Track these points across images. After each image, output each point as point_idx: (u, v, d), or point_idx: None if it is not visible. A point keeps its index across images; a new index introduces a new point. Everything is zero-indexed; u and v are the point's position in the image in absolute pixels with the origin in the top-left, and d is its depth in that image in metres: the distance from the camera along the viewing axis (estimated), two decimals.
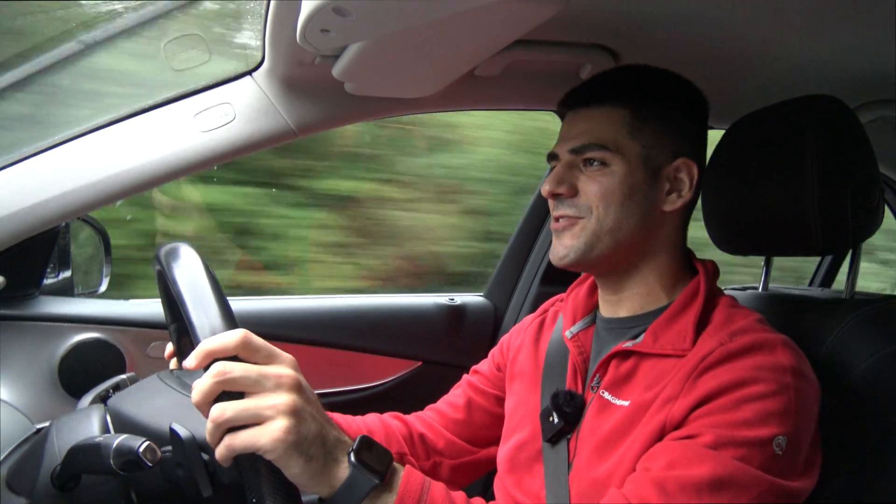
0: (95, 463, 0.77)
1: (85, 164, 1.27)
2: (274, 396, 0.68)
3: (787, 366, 0.84)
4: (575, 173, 1.00)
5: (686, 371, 0.87)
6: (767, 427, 0.80)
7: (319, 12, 0.77)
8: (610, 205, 0.97)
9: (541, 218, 1.95)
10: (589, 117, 1.01)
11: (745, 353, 0.85)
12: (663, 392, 0.88)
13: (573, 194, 1.00)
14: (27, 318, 1.43)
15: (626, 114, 0.99)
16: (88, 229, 1.63)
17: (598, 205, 0.98)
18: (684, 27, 1.14)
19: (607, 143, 0.98)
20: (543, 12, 0.92)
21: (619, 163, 0.97)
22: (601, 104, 1.00)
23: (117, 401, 0.92)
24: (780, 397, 0.82)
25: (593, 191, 0.98)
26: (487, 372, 1.24)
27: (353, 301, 1.88)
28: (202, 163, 1.33)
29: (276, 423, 0.67)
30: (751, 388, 0.82)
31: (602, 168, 0.98)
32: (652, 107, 1.00)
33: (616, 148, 0.97)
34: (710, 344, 0.88)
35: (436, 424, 1.21)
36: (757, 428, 0.80)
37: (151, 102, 1.33)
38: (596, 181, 0.98)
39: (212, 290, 0.79)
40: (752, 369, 0.83)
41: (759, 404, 0.81)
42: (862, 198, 1.03)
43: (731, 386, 0.83)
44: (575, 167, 1.01)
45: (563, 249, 1.01)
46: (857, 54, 1.21)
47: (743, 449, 0.79)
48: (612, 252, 0.99)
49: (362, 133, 2.88)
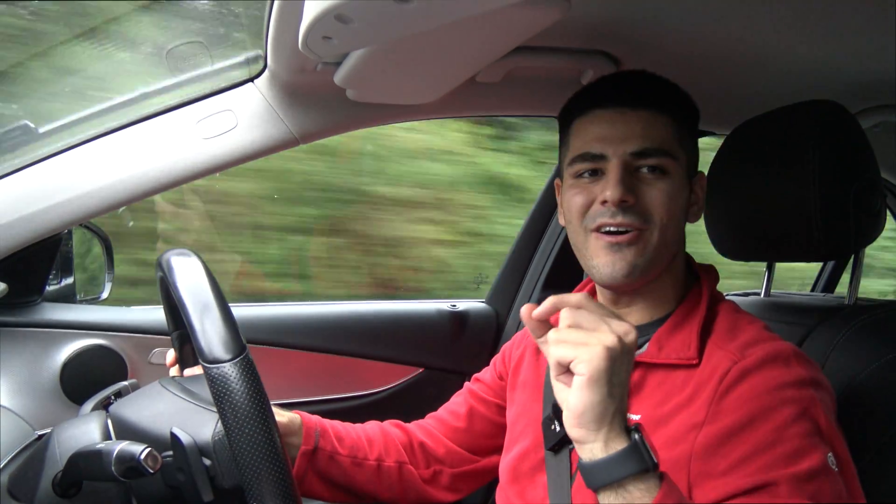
0: (97, 470, 0.77)
1: (87, 171, 1.27)
2: (604, 335, 0.72)
3: (807, 378, 0.83)
4: (632, 179, 0.93)
5: (707, 395, 0.85)
6: (816, 450, 0.78)
7: (321, 19, 0.77)
8: (672, 215, 0.94)
9: (543, 223, 1.95)
10: (642, 119, 0.94)
11: (762, 367, 0.84)
12: (683, 412, 0.86)
13: (634, 203, 0.93)
14: (29, 324, 1.43)
15: (669, 121, 0.95)
16: (91, 236, 1.63)
17: (662, 215, 0.92)
18: (685, 33, 1.14)
19: (669, 150, 0.94)
20: (545, 19, 0.92)
21: (676, 171, 0.94)
22: (645, 107, 0.94)
23: (119, 407, 0.92)
24: (808, 414, 0.80)
25: (657, 200, 0.92)
26: (489, 380, 1.24)
27: (355, 307, 1.87)
28: (204, 170, 1.33)
29: (597, 348, 0.71)
30: (780, 414, 0.80)
31: (662, 176, 0.93)
32: (686, 118, 0.99)
33: (674, 155, 0.94)
34: (723, 362, 0.87)
35: (436, 433, 1.21)
36: (811, 455, 0.78)
37: (154, 109, 1.33)
38: (658, 189, 0.93)
39: (214, 297, 0.80)
40: (774, 391, 0.82)
41: (796, 428, 0.79)
42: (864, 203, 1.03)
43: (758, 415, 0.81)
44: (632, 172, 0.94)
45: (626, 267, 0.92)
46: (858, 60, 1.21)
47: (812, 483, 0.77)
48: (665, 266, 0.96)
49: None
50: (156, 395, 0.92)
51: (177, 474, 0.80)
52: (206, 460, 0.79)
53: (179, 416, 0.85)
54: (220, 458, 0.80)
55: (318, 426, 1.11)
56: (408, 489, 1.17)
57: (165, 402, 0.90)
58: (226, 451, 0.79)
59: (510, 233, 2.23)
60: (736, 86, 1.37)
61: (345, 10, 0.75)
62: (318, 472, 1.09)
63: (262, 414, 0.74)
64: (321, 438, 1.09)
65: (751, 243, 1.15)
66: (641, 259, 0.93)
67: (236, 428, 0.73)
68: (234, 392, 0.74)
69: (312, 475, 1.09)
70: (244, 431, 0.73)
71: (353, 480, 1.12)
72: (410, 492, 1.17)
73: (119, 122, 1.32)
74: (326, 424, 1.13)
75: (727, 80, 1.34)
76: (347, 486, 1.12)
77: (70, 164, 1.28)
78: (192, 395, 0.90)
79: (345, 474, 1.11)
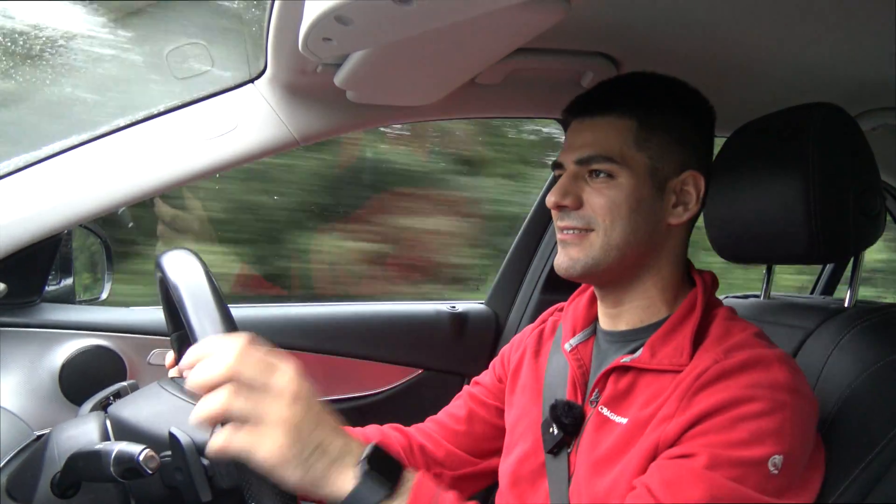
0: (95, 470, 0.77)
1: (87, 172, 1.28)
2: (273, 407, 0.68)
3: (784, 383, 0.83)
4: (580, 185, 0.98)
5: (682, 389, 0.86)
6: (763, 446, 0.79)
7: (321, 21, 0.77)
8: (616, 219, 0.95)
9: (542, 226, 1.95)
10: (595, 127, 0.98)
11: (741, 370, 0.84)
12: (660, 411, 0.87)
13: (578, 206, 0.97)
14: (29, 325, 1.43)
15: (632, 124, 0.96)
16: (90, 237, 1.63)
17: (604, 218, 0.95)
18: (685, 35, 1.14)
19: (614, 155, 0.95)
20: (545, 21, 0.92)
21: (626, 175, 0.95)
22: (607, 113, 0.97)
23: (118, 408, 0.92)
24: (776, 415, 0.81)
25: (599, 204, 0.96)
26: (489, 383, 1.23)
27: (354, 308, 1.87)
28: (205, 171, 1.33)
29: (271, 437, 0.67)
30: (746, 407, 0.81)
31: (608, 180, 0.96)
32: (660, 117, 0.97)
33: (623, 160, 0.95)
34: (705, 361, 0.87)
35: (436, 436, 1.20)
36: (752, 447, 0.79)
37: (155, 111, 1.33)
38: (602, 194, 0.96)
39: (213, 297, 0.79)
40: (748, 387, 0.82)
41: (754, 423, 0.80)
42: (863, 205, 1.03)
43: (725, 405, 0.82)
44: (580, 178, 0.98)
45: (568, 261, 0.98)
46: (858, 62, 1.22)
47: (738, 469, 0.79)
48: (617, 266, 0.97)
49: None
50: (154, 396, 0.91)
51: (175, 474, 0.79)
52: (205, 460, 0.79)
53: (178, 415, 0.85)
54: (219, 459, 0.80)
55: None
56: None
57: (164, 402, 0.90)
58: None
59: None
60: (735, 88, 1.37)
61: (345, 11, 0.75)
62: None
63: None
64: None
65: (750, 246, 1.15)
66: (584, 256, 0.97)
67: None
68: None
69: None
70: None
71: None
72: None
73: (120, 123, 1.32)
74: None
75: (727, 82, 1.34)
76: None
77: (70, 164, 1.28)
78: (190, 395, 0.90)
79: None
